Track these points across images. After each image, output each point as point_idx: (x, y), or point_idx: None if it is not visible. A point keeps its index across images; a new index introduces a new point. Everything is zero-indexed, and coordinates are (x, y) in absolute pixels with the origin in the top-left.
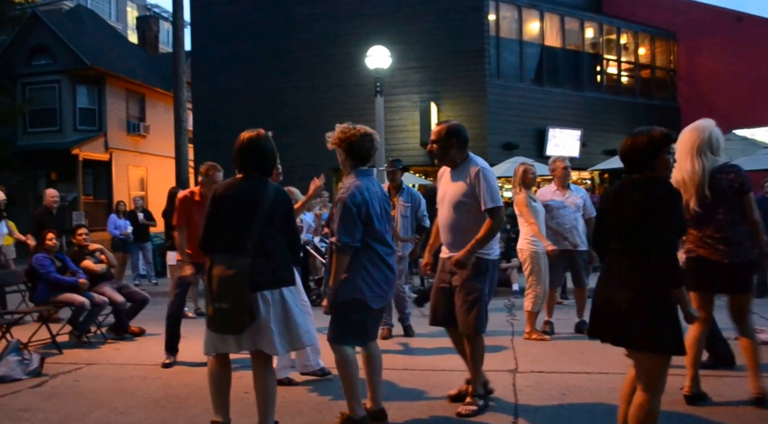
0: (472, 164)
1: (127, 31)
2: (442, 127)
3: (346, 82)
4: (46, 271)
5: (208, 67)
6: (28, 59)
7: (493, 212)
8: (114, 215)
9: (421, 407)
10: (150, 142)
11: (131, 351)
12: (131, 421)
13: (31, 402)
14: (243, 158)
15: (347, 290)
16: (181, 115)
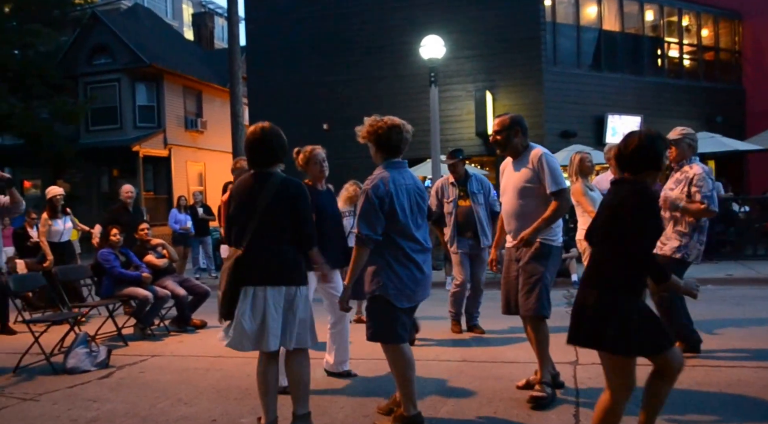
0: (535, 149)
1: (183, 29)
2: (504, 118)
3: (400, 73)
4: (111, 266)
5: (263, 62)
6: (89, 59)
7: (559, 194)
8: (175, 210)
9: (480, 399)
10: (207, 138)
11: (194, 343)
12: (195, 411)
13: (100, 393)
14: (247, 154)
15: (372, 287)
16: (237, 111)
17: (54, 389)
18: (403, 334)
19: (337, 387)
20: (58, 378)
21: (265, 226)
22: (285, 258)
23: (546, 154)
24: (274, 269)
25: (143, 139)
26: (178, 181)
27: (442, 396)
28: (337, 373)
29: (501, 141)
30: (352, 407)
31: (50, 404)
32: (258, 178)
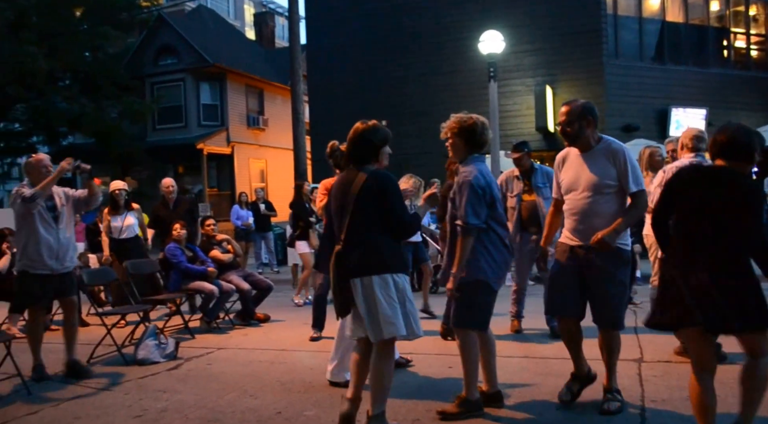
0: (614, 145)
1: (244, 28)
2: (574, 106)
3: (460, 69)
4: (178, 261)
5: (323, 60)
6: (155, 59)
7: (639, 195)
8: (236, 206)
9: (544, 395)
10: (269, 135)
11: (258, 337)
12: (261, 403)
13: (169, 384)
14: (346, 151)
15: (471, 272)
16: (298, 108)
17: (125, 380)
18: (489, 319)
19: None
20: (129, 369)
21: (358, 219)
22: (379, 247)
23: (628, 150)
24: (372, 259)
25: (207, 137)
26: (241, 177)
27: (505, 388)
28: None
29: (571, 133)
30: (412, 399)
31: (122, 394)
32: (349, 174)
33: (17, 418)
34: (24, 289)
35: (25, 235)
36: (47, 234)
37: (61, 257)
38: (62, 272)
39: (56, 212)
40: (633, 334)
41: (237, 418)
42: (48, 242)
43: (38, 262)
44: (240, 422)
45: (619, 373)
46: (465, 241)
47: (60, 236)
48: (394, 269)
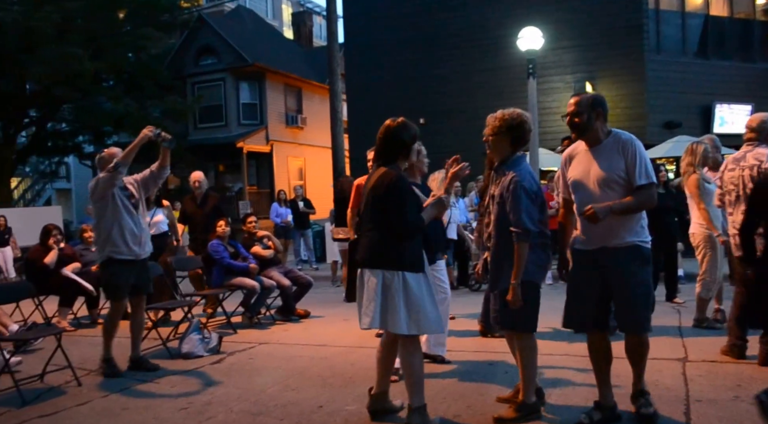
0: (623, 136)
1: (282, 28)
2: (584, 97)
3: (498, 66)
4: (221, 257)
5: (361, 58)
6: (196, 60)
7: (647, 188)
8: (276, 204)
9: (586, 393)
10: (307, 134)
11: (298, 332)
12: (303, 397)
13: (213, 377)
14: (376, 148)
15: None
16: (336, 106)
17: (170, 373)
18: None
19: (435, 372)
20: (174, 362)
21: (368, 215)
22: (379, 244)
23: (638, 141)
24: (371, 253)
25: (247, 135)
26: (280, 175)
27: (546, 387)
28: (432, 355)
29: (580, 124)
30: (452, 396)
31: (168, 387)
32: (373, 171)
33: (69, 408)
34: (110, 276)
35: (109, 223)
36: (129, 220)
37: (143, 242)
38: (143, 257)
39: (134, 200)
40: (677, 333)
41: (279, 411)
42: (131, 228)
43: (123, 247)
44: (282, 415)
45: (663, 372)
46: (522, 247)
47: (140, 222)
48: (391, 266)
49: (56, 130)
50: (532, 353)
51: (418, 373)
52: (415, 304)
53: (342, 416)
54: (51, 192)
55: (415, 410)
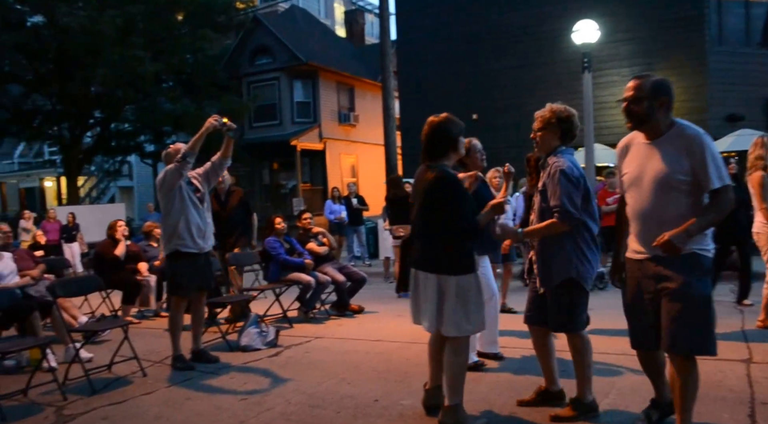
0: (689, 131)
1: (335, 26)
2: (646, 81)
3: (552, 60)
4: (277, 253)
5: (414, 55)
6: (251, 59)
7: (722, 192)
8: (329, 201)
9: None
10: (359, 131)
11: (353, 327)
12: (358, 391)
13: (270, 370)
14: (422, 146)
15: (565, 271)
16: (389, 104)
17: (230, 365)
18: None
19: (491, 367)
20: (233, 355)
21: (420, 215)
22: (433, 248)
23: (706, 136)
24: (425, 257)
25: (300, 133)
26: (333, 173)
27: (602, 386)
28: (486, 353)
29: (639, 113)
30: (508, 392)
31: (228, 378)
32: (423, 169)
33: (135, 397)
34: (176, 272)
35: (176, 216)
36: (195, 214)
37: (207, 236)
38: (206, 250)
39: (199, 194)
40: (740, 334)
41: (336, 404)
42: (197, 221)
43: (189, 241)
44: (339, 408)
45: (726, 373)
46: (557, 225)
47: (205, 216)
48: (445, 271)
49: (119, 131)
50: (584, 352)
51: (459, 373)
52: (466, 306)
53: (397, 411)
54: (114, 190)
55: (449, 408)
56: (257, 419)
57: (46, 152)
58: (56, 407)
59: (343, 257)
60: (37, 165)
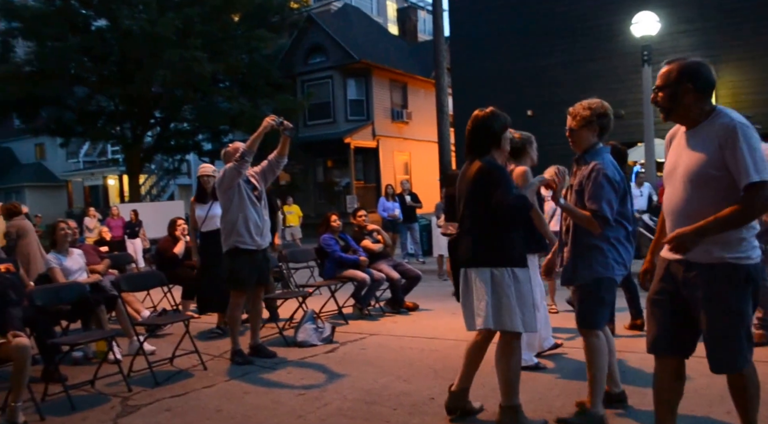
0: (723, 119)
1: (387, 24)
2: (672, 67)
3: (610, 54)
4: (332, 250)
5: (467, 51)
6: (305, 58)
7: (755, 188)
8: (383, 199)
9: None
10: (412, 128)
11: (408, 324)
12: (414, 388)
13: (327, 365)
14: (466, 141)
15: (599, 269)
16: (442, 101)
17: (287, 360)
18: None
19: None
20: (290, 350)
21: (467, 210)
22: (484, 240)
23: (742, 125)
24: (475, 251)
25: (354, 131)
26: (386, 170)
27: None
28: (540, 350)
29: (664, 101)
30: (566, 393)
31: (285, 373)
32: (469, 164)
33: (196, 390)
34: (235, 267)
35: (235, 214)
36: (253, 212)
37: (264, 233)
38: (263, 247)
39: (257, 192)
40: None
41: (392, 401)
42: (255, 219)
43: (247, 238)
44: (395, 405)
45: None
46: (591, 222)
47: (263, 214)
48: (499, 262)
49: (178, 130)
50: (599, 353)
51: (515, 372)
52: (526, 300)
53: None
54: (174, 188)
55: (506, 409)
56: (315, 415)
57: (109, 151)
58: (122, 398)
59: (397, 255)
60: (101, 164)
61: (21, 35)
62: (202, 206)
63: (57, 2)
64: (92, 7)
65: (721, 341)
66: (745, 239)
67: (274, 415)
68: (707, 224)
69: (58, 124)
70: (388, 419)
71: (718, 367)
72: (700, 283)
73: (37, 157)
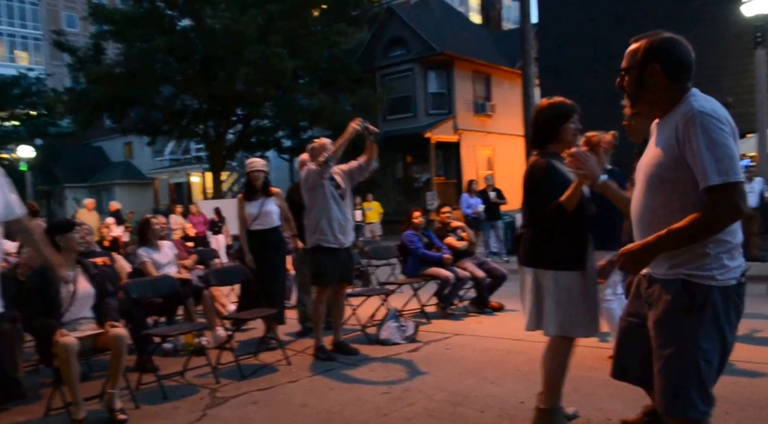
0: (684, 106)
1: (469, 13)
2: (639, 45)
3: (717, 36)
4: (415, 247)
5: (556, 39)
6: (385, 52)
7: (716, 193)
8: (466, 194)
9: None
10: (496, 121)
11: (493, 325)
12: (502, 391)
13: (410, 365)
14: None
15: None
16: (528, 92)
17: (370, 358)
18: None
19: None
20: (372, 348)
21: (523, 208)
22: (531, 240)
23: (703, 114)
24: (524, 250)
25: (434, 125)
26: (468, 165)
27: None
28: None
29: (629, 86)
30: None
31: (368, 371)
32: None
33: (281, 384)
34: (318, 263)
35: (319, 212)
36: (337, 210)
37: (347, 231)
38: (346, 246)
39: (341, 190)
40: None
41: (480, 403)
42: (338, 217)
43: (330, 236)
44: (483, 407)
45: None
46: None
47: (346, 212)
48: (541, 264)
49: (259, 127)
50: None
51: (558, 375)
52: (567, 304)
53: None
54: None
55: (543, 411)
56: (399, 414)
57: (193, 149)
58: (210, 389)
59: (479, 253)
60: (185, 161)
61: (111, 38)
62: (252, 203)
63: (145, 4)
64: (177, 8)
65: (662, 373)
66: (708, 255)
67: (358, 412)
68: (658, 238)
69: (145, 123)
70: (475, 421)
71: (660, 406)
72: (659, 301)
73: (126, 156)
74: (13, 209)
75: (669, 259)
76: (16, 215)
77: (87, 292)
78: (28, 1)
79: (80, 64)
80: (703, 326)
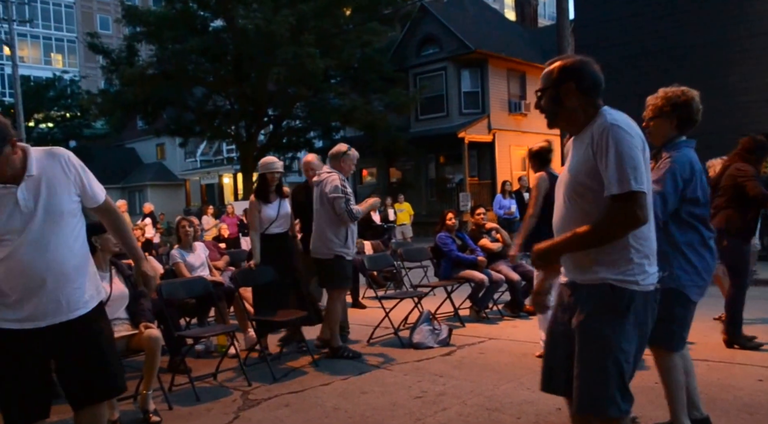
0: (599, 119)
1: (504, 10)
2: (554, 66)
3: (757, 32)
4: (449, 249)
5: (594, 34)
6: (418, 50)
7: (620, 200)
8: (499, 195)
9: None
10: (531, 121)
11: (528, 329)
12: (538, 397)
13: (444, 369)
14: None
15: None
16: None
17: (403, 362)
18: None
19: None
20: (405, 351)
21: None
22: None
23: (615, 126)
24: None
25: (468, 125)
26: (502, 165)
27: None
28: None
29: (546, 105)
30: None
31: (401, 375)
32: None
33: (313, 387)
34: (342, 271)
35: (343, 225)
36: (353, 224)
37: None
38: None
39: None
40: None
41: (515, 409)
42: (354, 230)
43: (351, 249)
44: (518, 413)
45: None
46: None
47: (354, 226)
48: None
49: (290, 127)
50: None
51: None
52: None
53: None
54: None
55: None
56: (434, 418)
57: (224, 150)
58: (242, 392)
59: None
60: (217, 162)
61: (144, 39)
62: (269, 205)
63: (177, 5)
64: (209, 8)
65: (584, 373)
66: (632, 261)
67: (392, 417)
68: (564, 239)
69: (177, 124)
70: None
71: (579, 405)
72: (579, 305)
73: (158, 157)
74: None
75: (594, 265)
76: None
77: (122, 293)
78: (64, 4)
79: (114, 66)
80: (625, 328)
